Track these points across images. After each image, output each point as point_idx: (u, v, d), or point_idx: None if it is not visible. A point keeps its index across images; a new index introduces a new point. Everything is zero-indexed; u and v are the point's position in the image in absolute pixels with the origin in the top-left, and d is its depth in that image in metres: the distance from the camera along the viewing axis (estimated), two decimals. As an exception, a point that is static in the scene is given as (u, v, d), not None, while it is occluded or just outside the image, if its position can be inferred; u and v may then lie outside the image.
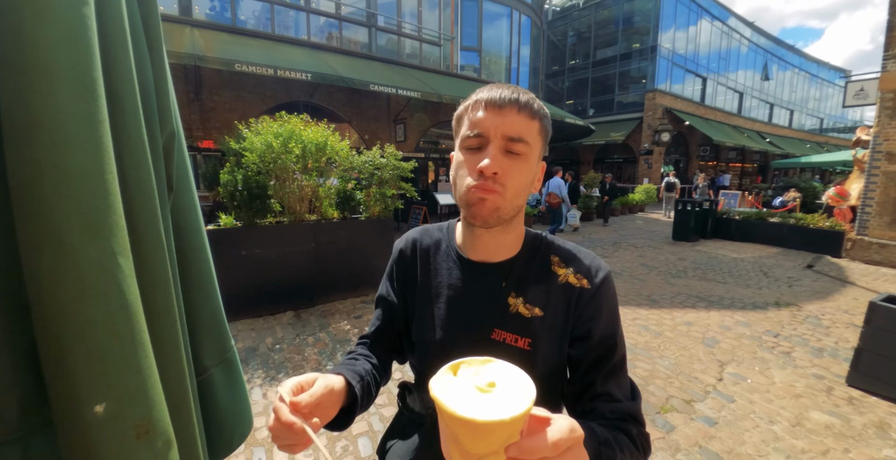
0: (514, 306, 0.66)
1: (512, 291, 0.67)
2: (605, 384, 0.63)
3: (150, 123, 0.67)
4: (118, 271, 0.52)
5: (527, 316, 0.65)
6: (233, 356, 0.86)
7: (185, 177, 0.80)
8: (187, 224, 0.78)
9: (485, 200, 0.58)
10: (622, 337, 0.67)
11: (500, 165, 0.57)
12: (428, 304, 0.71)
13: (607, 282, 0.67)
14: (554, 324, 0.65)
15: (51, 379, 0.49)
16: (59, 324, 0.48)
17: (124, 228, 0.53)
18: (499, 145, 0.58)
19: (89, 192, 0.49)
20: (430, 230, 0.79)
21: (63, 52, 0.47)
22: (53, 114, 0.46)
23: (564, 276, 0.67)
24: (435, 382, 0.43)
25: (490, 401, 0.39)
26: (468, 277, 0.69)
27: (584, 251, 0.71)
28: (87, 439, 0.49)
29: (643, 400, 2.39)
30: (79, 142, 0.48)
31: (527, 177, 0.61)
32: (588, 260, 0.68)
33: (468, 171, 0.60)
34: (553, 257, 0.69)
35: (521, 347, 0.64)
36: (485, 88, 0.62)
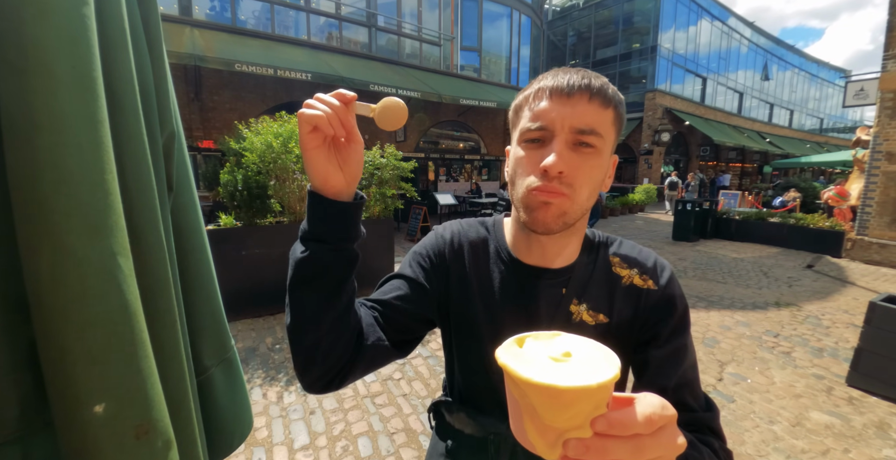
0: (577, 314, 0.60)
1: (574, 298, 0.60)
2: (677, 392, 0.55)
3: (150, 123, 0.67)
4: (118, 271, 0.52)
5: (591, 323, 0.59)
6: (233, 356, 0.86)
7: (185, 177, 0.80)
8: (187, 224, 0.78)
9: (549, 204, 0.51)
10: (692, 341, 0.60)
11: (567, 163, 0.50)
12: (476, 310, 0.62)
13: (673, 281, 0.61)
14: (620, 330, 0.60)
15: (50, 379, 0.49)
16: (59, 324, 0.48)
17: (124, 228, 0.53)
18: (566, 139, 0.50)
19: (89, 193, 0.49)
20: (473, 225, 0.69)
21: (64, 53, 0.47)
22: (54, 114, 0.46)
23: (629, 278, 0.61)
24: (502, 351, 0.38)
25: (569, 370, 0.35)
26: (524, 283, 0.61)
27: (644, 249, 0.65)
28: (86, 439, 0.49)
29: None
30: (79, 143, 0.48)
31: (598, 174, 0.54)
32: (651, 259, 0.63)
33: (528, 169, 0.52)
34: (613, 258, 0.63)
35: None
36: (548, 74, 0.54)
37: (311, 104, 0.46)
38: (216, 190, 3.84)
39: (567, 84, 0.51)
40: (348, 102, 0.48)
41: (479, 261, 0.65)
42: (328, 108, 0.46)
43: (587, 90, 0.51)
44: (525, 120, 0.54)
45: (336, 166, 0.50)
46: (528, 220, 0.54)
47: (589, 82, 0.51)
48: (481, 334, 0.62)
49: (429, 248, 0.66)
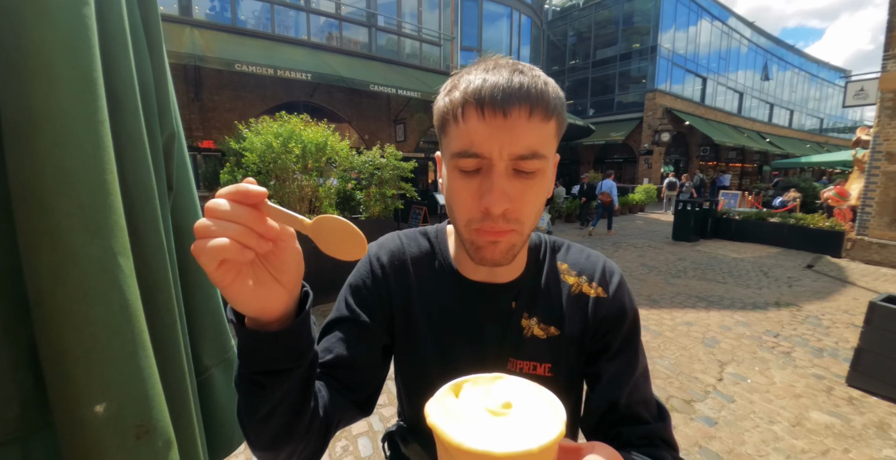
0: (528, 329, 0.57)
1: (524, 312, 0.57)
2: (630, 404, 0.54)
3: (150, 123, 0.67)
4: (119, 271, 0.52)
5: (543, 337, 0.57)
6: (233, 356, 0.86)
7: (185, 177, 0.80)
8: (187, 224, 0.79)
9: (497, 243, 0.47)
10: (642, 347, 0.59)
11: (509, 199, 0.44)
12: (421, 334, 0.58)
13: (622, 287, 0.59)
14: (572, 342, 0.57)
15: (51, 379, 0.49)
16: (60, 324, 0.48)
17: (125, 228, 0.54)
18: (506, 167, 0.44)
19: (90, 192, 0.49)
20: (415, 237, 0.63)
21: (64, 53, 0.47)
22: (54, 114, 0.46)
23: (577, 286, 0.59)
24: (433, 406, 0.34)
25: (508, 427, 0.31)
26: (471, 300, 0.57)
27: (592, 253, 0.62)
28: (87, 439, 0.49)
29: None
30: (79, 143, 0.48)
31: (543, 196, 0.48)
32: (600, 263, 0.61)
33: (468, 204, 0.46)
34: (561, 264, 0.60)
35: (541, 374, 0.56)
36: (472, 72, 0.46)
37: (208, 228, 0.32)
38: (216, 190, 3.84)
39: (501, 99, 0.42)
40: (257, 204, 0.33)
41: (422, 280, 0.59)
42: (234, 226, 0.32)
43: (526, 103, 0.42)
44: (454, 139, 0.45)
45: (271, 286, 0.37)
46: (475, 257, 0.49)
47: (527, 91, 0.43)
48: (427, 360, 0.58)
49: (363, 278, 0.59)
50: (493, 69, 0.45)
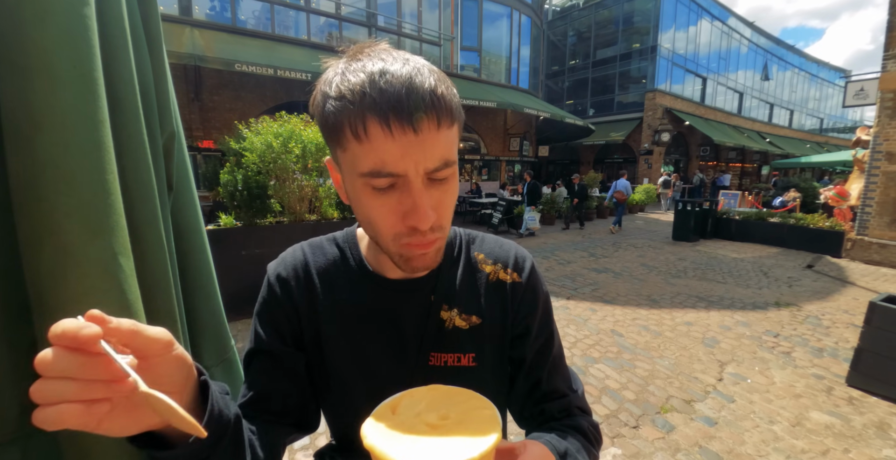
0: (449, 320, 0.56)
1: (443, 304, 0.56)
2: (551, 380, 0.58)
3: (150, 123, 0.67)
4: (119, 271, 0.52)
5: (465, 327, 0.56)
6: (233, 356, 0.86)
7: (185, 177, 0.80)
8: (187, 224, 0.79)
9: (426, 253, 0.46)
10: (556, 326, 0.62)
11: (433, 211, 0.43)
12: (340, 342, 0.55)
13: (535, 270, 0.61)
14: (494, 329, 0.58)
15: None
16: None
17: (125, 228, 0.53)
18: (423, 181, 0.42)
19: (90, 192, 0.49)
20: (320, 245, 0.61)
21: (64, 53, 0.47)
22: (55, 114, 0.46)
23: (494, 273, 0.60)
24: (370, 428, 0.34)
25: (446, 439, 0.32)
26: (388, 299, 0.56)
27: (505, 242, 0.64)
28: (87, 438, 0.49)
29: (643, 401, 2.40)
30: (80, 143, 0.48)
31: (456, 195, 0.48)
32: (513, 250, 0.62)
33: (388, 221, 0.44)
34: (477, 254, 0.61)
35: (465, 365, 0.56)
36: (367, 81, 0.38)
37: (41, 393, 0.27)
38: (216, 190, 3.84)
39: (408, 111, 0.37)
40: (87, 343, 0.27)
41: (332, 287, 0.57)
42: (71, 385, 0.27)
43: (433, 113, 0.39)
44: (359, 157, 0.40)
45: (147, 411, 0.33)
46: (406, 268, 0.48)
47: (432, 99, 0.39)
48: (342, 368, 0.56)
49: (266, 301, 0.57)
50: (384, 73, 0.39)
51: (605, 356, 2.99)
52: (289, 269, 0.58)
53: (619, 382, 2.61)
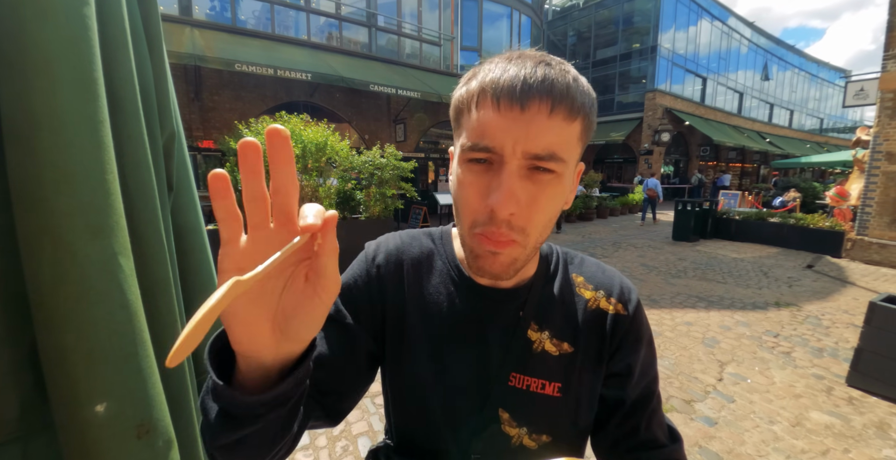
0: (538, 342, 0.52)
1: (532, 322, 0.52)
2: (650, 428, 0.52)
3: (151, 123, 0.67)
4: (119, 271, 0.52)
5: (555, 354, 0.52)
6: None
7: (185, 177, 0.80)
8: (187, 224, 0.79)
9: (497, 255, 0.42)
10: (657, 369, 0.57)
11: (518, 201, 0.40)
12: (418, 340, 0.53)
13: (641, 306, 0.56)
14: (587, 362, 0.53)
15: (51, 379, 0.49)
16: (60, 324, 0.48)
17: (125, 228, 0.54)
18: (519, 165, 0.40)
19: (90, 192, 0.49)
20: (417, 237, 0.58)
21: (64, 53, 0.47)
22: (54, 114, 0.46)
23: (594, 301, 0.54)
24: None
25: None
26: (475, 305, 0.52)
27: (608, 268, 0.58)
28: (87, 438, 0.49)
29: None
30: (80, 143, 0.48)
31: (557, 204, 0.43)
32: (618, 279, 0.57)
33: (473, 201, 0.42)
34: (576, 277, 0.56)
35: (549, 394, 0.51)
36: (495, 61, 0.42)
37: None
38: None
39: (520, 90, 0.38)
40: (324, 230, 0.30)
41: (422, 281, 0.54)
42: None
43: (547, 99, 0.38)
44: (466, 130, 0.42)
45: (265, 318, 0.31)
46: (473, 267, 0.45)
47: (550, 85, 0.38)
48: (419, 367, 0.52)
49: (356, 277, 0.55)
50: (518, 59, 0.41)
51: (605, 356, 2.99)
52: (386, 254, 0.56)
53: (619, 382, 2.61)
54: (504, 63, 0.41)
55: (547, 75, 0.39)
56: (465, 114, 0.42)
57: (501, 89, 0.38)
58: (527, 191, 0.40)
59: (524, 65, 0.40)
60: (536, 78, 0.38)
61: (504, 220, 0.40)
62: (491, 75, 0.40)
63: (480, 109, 0.40)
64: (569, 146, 0.41)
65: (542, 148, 0.39)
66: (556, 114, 0.39)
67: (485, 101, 0.40)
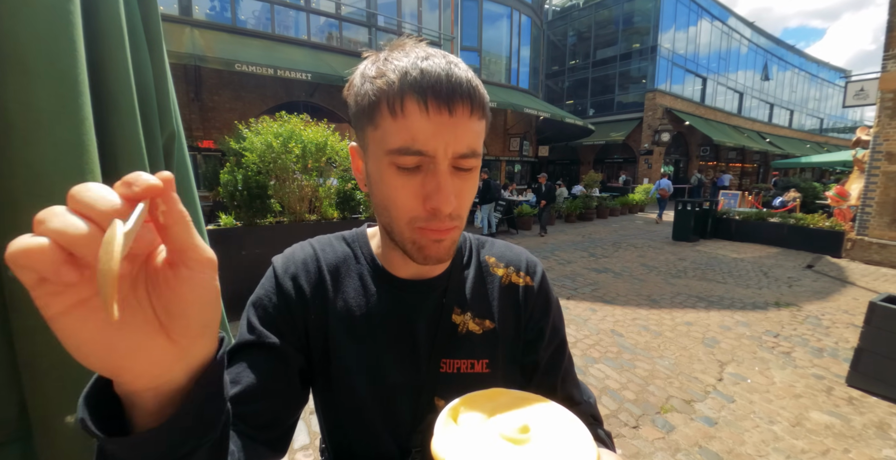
0: (462, 324, 0.54)
1: (455, 307, 0.55)
2: (564, 388, 0.57)
3: (150, 123, 0.67)
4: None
5: (479, 332, 0.55)
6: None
7: (185, 177, 0.80)
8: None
9: (441, 242, 0.45)
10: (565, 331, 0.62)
11: (456, 196, 0.43)
12: (349, 344, 0.51)
13: (545, 276, 0.62)
14: (507, 334, 0.56)
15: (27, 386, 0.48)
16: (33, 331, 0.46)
17: None
18: (449, 165, 0.42)
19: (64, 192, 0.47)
20: (330, 243, 0.58)
21: (40, 48, 0.45)
22: (29, 111, 0.44)
23: (506, 277, 0.59)
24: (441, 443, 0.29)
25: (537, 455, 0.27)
26: (399, 300, 0.53)
27: (515, 247, 0.63)
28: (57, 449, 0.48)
29: (643, 401, 2.40)
30: (55, 142, 0.46)
31: (474, 192, 0.48)
32: (524, 255, 0.62)
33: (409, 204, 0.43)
34: (489, 258, 0.60)
35: (479, 371, 0.54)
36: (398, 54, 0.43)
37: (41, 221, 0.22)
38: (216, 190, 3.84)
39: (445, 94, 0.39)
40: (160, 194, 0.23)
41: (341, 286, 0.54)
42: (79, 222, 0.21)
43: (468, 101, 0.41)
44: (390, 134, 0.41)
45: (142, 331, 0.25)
46: (418, 257, 0.46)
47: (468, 88, 0.41)
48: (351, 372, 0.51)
49: (268, 293, 0.52)
50: (427, 59, 0.41)
51: (605, 356, 2.99)
52: (298, 264, 0.54)
53: (619, 382, 2.61)
54: (417, 62, 0.41)
55: (461, 77, 0.41)
56: (383, 114, 0.41)
57: (427, 93, 0.39)
58: (457, 186, 0.44)
59: (436, 64, 0.41)
60: (457, 80, 0.40)
61: (447, 215, 0.43)
62: (410, 77, 0.40)
63: (407, 113, 0.40)
64: (481, 141, 0.45)
65: (466, 147, 0.42)
66: (475, 114, 0.42)
67: (410, 104, 0.40)
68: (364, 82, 0.43)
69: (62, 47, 0.47)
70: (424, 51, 0.43)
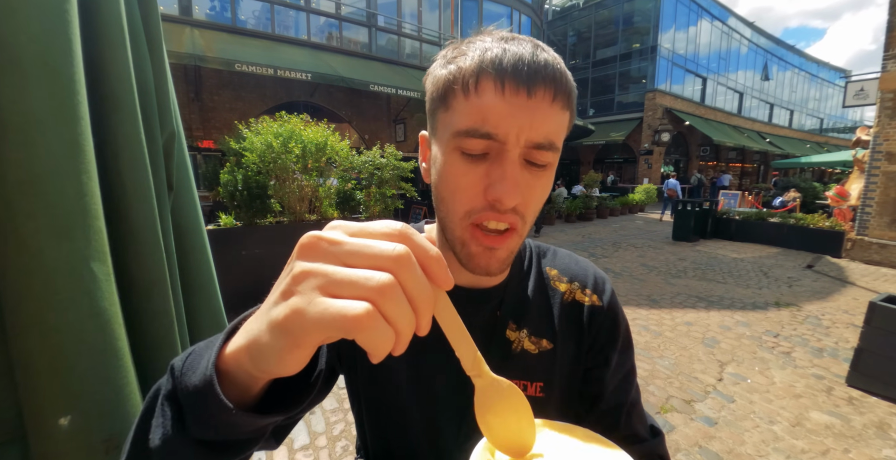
0: (517, 342, 0.50)
1: (510, 322, 0.51)
2: (629, 422, 0.51)
3: (151, 123, 0.67)
4: (90, 276, 0.49)
5: (534, 352, 0.50)
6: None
7: (185, 177, 0.80)
8: (187, 224, 0.78)
9: (494, 251, 0.40)
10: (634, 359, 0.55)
11: (522, 191, 0.38)
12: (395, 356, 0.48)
13: (615, 296, 0.55)
14: (566, 357, 0.51)
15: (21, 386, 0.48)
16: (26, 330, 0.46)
17: (101, 231, 0.51)
18: (520, 155, 0.38)
19: (58, 194, 0.46)
20: None
21: (35, 48, 0.44)
22: (22, 111, 0.44)
23: (569, 293, 0.53)
24: None
25: None
26: None
27: (581, 259, 0.57)
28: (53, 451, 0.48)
29: (643, 401, 2.38)
30: (48, 142, 0.45)
31: (547, 194, 0.42)
32: (591, 269, 0.56)
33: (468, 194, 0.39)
34: (550, 270, 0.55)
35: (532, 395, 0.49)
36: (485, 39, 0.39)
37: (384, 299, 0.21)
38: (216, 190, 3.84)
39: (526, 74, 0.35)
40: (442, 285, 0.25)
41: None
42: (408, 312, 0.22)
43: (551, 85, 0.36)
44: (459, 114, 0.37)
45: None
46: (468, 265, 0.42)
47: (553, 72, 0.37)
48: (395, 377, 0.49)
49: None
50: (513, 41, 0.38)
51: (605, 356, 2.99)
52: None
53: (619, 382, 2.61)
54: (500, 42, 0.38)
55: (548, 61, 0.37)
56: (456, 95, 0.38)
57: (506, 71, 0.35)
58: (527, 182, 0.39)
59: (523, 47, 0.37)
60: (540, 62, 0.36)
61: (507, 211, 0.39)
62: (489, 56, 0.36)
63: (481, 92, 0.36)
64: (562, 134, 0.40)
65: (543, 136, 0.37)
66: (557, 102, 0.37)
67: (486, 82, 0.36)
68: (442, 65, 0.40)
69: (57, 47, 0.46)
70: (511, 35, 0.40)
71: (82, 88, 0.49)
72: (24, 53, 0.44)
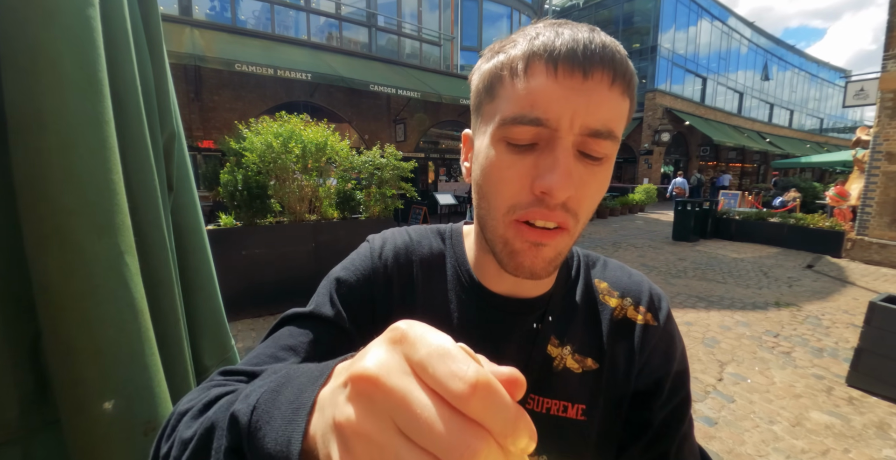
0: (559, 359, 0.45)
1: (553, 337, 0.46)
2: (680, 456, 0.45)
3: (151, 123, 0.67)
4: (125, 270, 0.52)
5: (577, 371, 0.45)
6: (233, 356, 0.86)
7: (185, 177, 0.80)
8: (187, 224, 0.79)
9: (542, 247, 0.36)
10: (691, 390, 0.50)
11: (574, 184, 0.34)
12: None
13: (671, 315, 0.49)
14: (613, 380, 0.46)
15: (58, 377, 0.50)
16: (67, 322, 0.48)
17: (130, 227, 0.54)
18: (574, 144, 0.34)
19: (96, 192, 0.49)
20: (426, 235, 0.51)
21: (71, 54, 0.47)
22: (61, 115, 0.46)
23: (620, 310, 0.48)
24: None
25: None
26: (488, 317, 0.45)
27: (634, 272, 0.52)
28: (95, 435, 0.50)
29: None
30: (86, 143, 0.48)
31: (604, 191, 0.38)
32: (646, 285, 0.50)
33: (513, 187, 0.35)
34: (599, 282, 0.50)
35: (572, 417, 0.45)
36: (536, 26, 0.36)
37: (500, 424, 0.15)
38: (216, 190, 3.84)
39: (583, 55, 0.32)
40: None
41: (431, 286, 0.47)
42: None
43: (610, 68, 0.33)
44: (506, 101, 0.34)
45: None
46: (509, 264, 0.38)
47: (611, 54, 0.33)
48: None
49: (357, 271, 0.46)
50: (566, 25, 0.35)
51: (605, 356, 2.99)
52: (394, 251, 0.48)
53: (619, 382, 2.62)
54: (553, 27, 0.34)
55: (606, 43, 0.33)
56: (504, 82, 0.35)
57: (559, 53, 0.32)
58: (581, 175, 0.35)
59: (578, 29, 0.34)
60: (597, 44, 0.33)
61: (557, 206, 0.35)
62: (541, 39, 0.33)
63: (531, 75, 0.33)
64: (622, 124, 0.36)
65: (601, 122, 0.33)
66: (616, 86, 0.33)
67: (536, 66, 0.33)
68: (489, 58, 0.37)
69: (88, 52, 0.49)
70: (565, 21, 0.36)
71: (108, 91, 0.51)
72: (62, 59, 0.46)
